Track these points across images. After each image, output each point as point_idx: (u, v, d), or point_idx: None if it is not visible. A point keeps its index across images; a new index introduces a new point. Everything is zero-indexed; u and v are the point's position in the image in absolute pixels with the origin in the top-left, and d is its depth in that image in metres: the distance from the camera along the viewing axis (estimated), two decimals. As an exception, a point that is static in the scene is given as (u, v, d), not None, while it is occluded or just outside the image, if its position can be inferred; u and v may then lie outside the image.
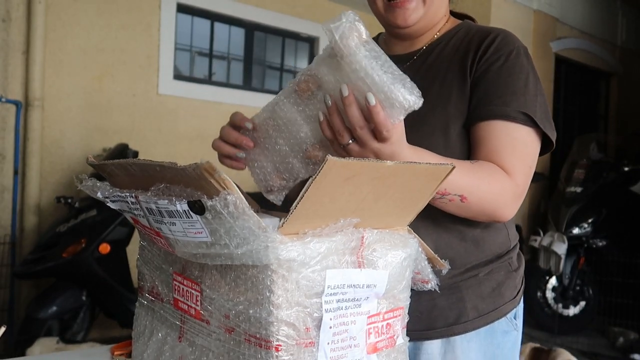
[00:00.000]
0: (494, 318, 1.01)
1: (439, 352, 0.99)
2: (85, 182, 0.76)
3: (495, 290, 1.01)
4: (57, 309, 2.73)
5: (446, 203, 0.90)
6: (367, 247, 0.68)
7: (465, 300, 0.99)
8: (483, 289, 1.01)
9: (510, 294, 1.04)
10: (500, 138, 0.94)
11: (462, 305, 0.99)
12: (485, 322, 1.00)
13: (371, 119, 0.73)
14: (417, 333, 0.98)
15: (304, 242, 0.62)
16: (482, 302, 1.00)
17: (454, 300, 0.99)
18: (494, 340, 1.01)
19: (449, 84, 1.00)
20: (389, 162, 0.64)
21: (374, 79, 0.71)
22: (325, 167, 0.58)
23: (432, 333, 0.99)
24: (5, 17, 3.21)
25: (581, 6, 6.55)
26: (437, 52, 1.05)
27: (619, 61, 7.33)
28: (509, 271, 1.04)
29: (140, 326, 0.88)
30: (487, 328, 1.00)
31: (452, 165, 0.72)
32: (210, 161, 0.58)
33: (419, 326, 0.98)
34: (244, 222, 0.59)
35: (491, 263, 1.02)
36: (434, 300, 0.99)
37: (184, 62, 4.07)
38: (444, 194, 0.88)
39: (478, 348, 1.00)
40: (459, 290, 1.00)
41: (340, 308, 0.66)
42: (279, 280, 0.61)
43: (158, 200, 0.66)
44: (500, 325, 1.02)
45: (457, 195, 0.89)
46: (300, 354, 0.63)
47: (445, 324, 0.99)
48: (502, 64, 0.98)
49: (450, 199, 0.89)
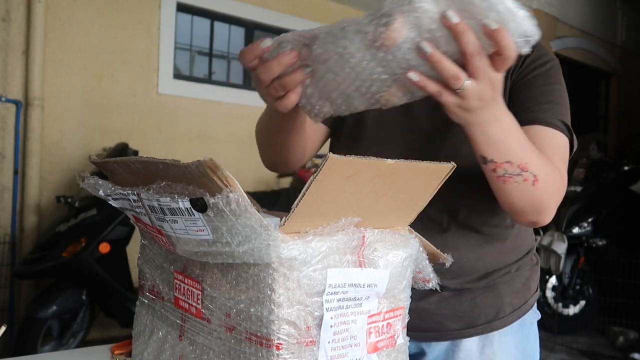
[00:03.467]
0: (525, 311, 1.06)
1: (477, 348, 1.02)
2: (87, 180, 0.76)
3: (525, 284, 1.07)
4: (57, 308, 2.73)
5: (518, 183, 0.84)
6: (368, 247, 0.68)
7: (503, 296, 1.03)
8: (516, 284, 1.05)
9: (535, 286, 1.10)
10: (545, 142, 0.94)
11: (500, 302, 1.03)
12: (518, 316, 1.04)
13: (495, 43, 0.66)
14: (457, 332, 1.02)
15: (305, 241, 0.62)
16: (515, 296, 1.05)
17: (492, 298, 1.03)
18: (524, 332, 1.06)
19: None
20: (389, 161, 0.63)
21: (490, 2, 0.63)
22: (326, 165, 0.58)
23: (472, 331, 1.02)
24: (5, 17, 3.21)
25: (581, 6, 6.55)
26: None
27: (619, 61, 7.33)
28: (533, 265, 1.10)
29: (141, 325, 0.88)
30: (519, 321, 1.05)
31: (453, 165, 0.71)
32: (212, 158, 0.58)
33: (459, 325, 1.02)
34: (246, 220, 0.59)
35: (520, 260, 1.07)
36: (474, 299, 1.02)
37: (184, 61, 4.07)
38: (523, 169, 0.82)
39: (512, 341, 1.04)
40: (497, 288, 1.03)
41: (341, 307, 0.66)
42: (280, 278, 0.61)
43: (160, 198, 0.66)
44: (528, 317, 1.07)
45: (532, 175, 0.83)
46: (300, 353, 0.63)
47: (485, 321, 1.02)
48: (539, 73, 0.99)
49: (525, 178, 0.83)
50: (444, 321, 1.02)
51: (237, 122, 4.05)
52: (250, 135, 4.37)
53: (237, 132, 4.03)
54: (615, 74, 7.37)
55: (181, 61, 4.03)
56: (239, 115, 4.06)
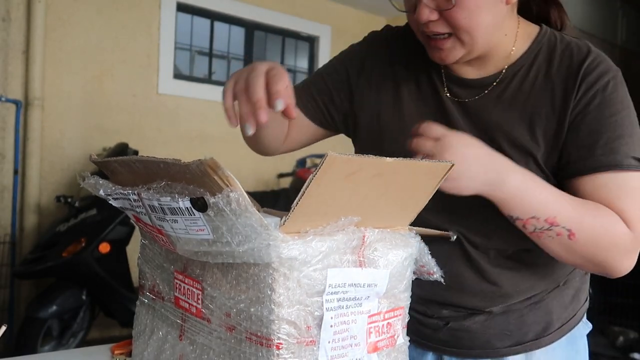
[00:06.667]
0: (574, 324, 1.00)
1: None
2: (87, 179, 0.76)
3: (575, 297, 1.00)
4: (57, 308, 2.73)
5: (552, 238, 0.81)
6: (369, 246, 0.68)
7: (552, 312, 0.97)
8: (565, 297, 0.99)
9: (584, 297, 1.03)
10: (613, 190, 0.83)
11: (550, 318, 0.96)
12: (567, 330, 0.98)
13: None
14: (504, 350, 0.96)
15: (305, 241, 0.62)
16: (564, 311, 0.98)
17: (541, 314, 0.96)
18: (574, 346, 1.00)
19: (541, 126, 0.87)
20: (388, 159, 0.63)
21: None
22: (325, 164, 0.58)
23: (520, 347, 0.96)
24: (5, 17, 3.21)
25: (581, 6, 6.55)
26: (519, 79, 0.90)
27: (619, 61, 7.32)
28: (582, 275, 1.02)
29: (141, 325, 0.88)
30: (568, 335, 0.99)
31: (451, 163, 0.71)
32: (213, 158, 0.58)
33: (507, 343, 0.96)
34: (246, 219, 0.59)
35: (569, 273, 1.00)
36: (522, 317, 0.96)
37: (184, 61, 4.07)
38: (552, 223, 0.80)
39: (560, 356, 0.98)
40: (546, 304, 0.97)
41: (341, 307, 0.66)
42: (281, 278, 0.61)
43: (160, 197, 0.66)
44: (578, 330, 1.01)
45: (566, 229, 0.80)
46: (301, 353, 0.63)
47: (534, 337, 0.96)
48: (600, 101, 0.85)
49: (558, 233, 0.80)
50: (491, 340, 0.96)
51: (237, 122, 4.04)
52: (250, 135, 4.20)
53: (237, 132, 4.01)
54: (615, 74, 7.36)
55: (181, 61, 4.03)
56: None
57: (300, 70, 4.63)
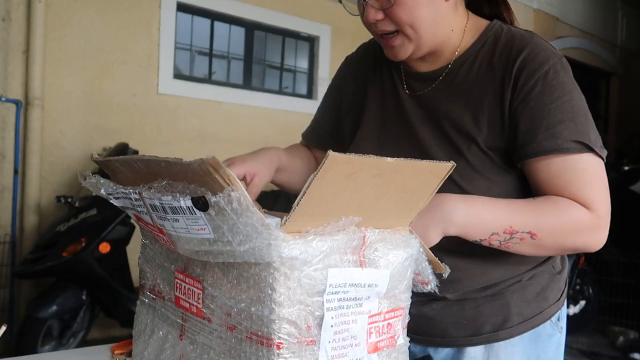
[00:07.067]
0: (539, 322, 1.00)
1: (482, 356, 0.98)
2: (89, 179, 0.76)
3: (540, 294, 1.00)
4: (57, 308, 2.73)
5: (519, 243, 0.87)
6: (369, 247, 0.68)
7: (510, 305, 0.98)
8: (527, 293, 0.99)
9: (555, 296, 1.02)
10: (563, 175, 0.88)
11: (507, 311, 0.98)
12: (530, 327, 0.99)
13: None
14: (462, 339, 0.98)
15: (306, 241, 0.62)
16: (527, 306, 0.99)
17: (499, 307, 0.98)
18: (539, 345, 1.00)
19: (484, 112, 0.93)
20: (389, 159, 0.63)
21: None
22: (326, 163, 0.58)
23: (477, 339, 0.98)
24: (5, 17, 3.21)
25: (581, 6, 6.55)
26: (465, 69, 0.97)
27: (619, 61, 7.33)
28: (553, 274, 1.03)
29: (141, 324, 0.88)
30: (532, 332, 0.99)
31: (452, 163, 0.71)
32: (215, 157, 0.58)
33: (463, 333, 0.98)
34: (247, 218, 0.59)
35: (534, 268, 1.01)
36: (478, 308, 0.98)
37: (184, 61, 4.07)
38: (511, 232, 0.85)
39: (522, 352, 0.98)
40: (504, 297, 0.98)
41: (341, 307, 0.66)
42: (281, 278, 0.61)
43: (162, 197, 0.66)
44: (545, 329, 1.00)
45: (526, 233, 0.85)
46: (301, 352, 0.63)
47: (491, 330, 0.98)
48: (541, 89, 0.89)
49: (521, 238, 0.86)
50: (448, 328, 0.98)
51: (237, 122, 4.05)
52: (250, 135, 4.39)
53: (237, 132, 4.03)
54: (615, 74, 7.36)
55: (181, 61, 4.03)
56: (239, 115, 4.05)
57: (300, 70, 4.63)
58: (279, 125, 4.18)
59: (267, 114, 4.19)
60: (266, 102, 4.22)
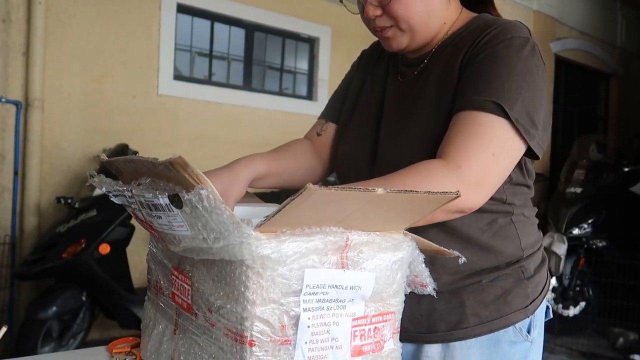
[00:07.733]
0: (498, 327, 0.96)
1: (439, 356, 0.97)
2: (94, 177, 0.79)
3: (501, 298, 0.97)
4: (57, 309, 2.73)
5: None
6: (353, 249, 0.67)
7: (466, 305, 0.96)
8: (485, 295, 0.96)
9: (520, 302, 0.98)
10: (460, 126, 0.87)
11: (462, 311, 0.96)
12: (487, 330, 0.96)
13: None
14: (419, 336, 0.98)
15: (279, 241, 0.61)
16: (484, 309, 0.96)
17: (453, 305, 0.96)
18: (499, 350, 0.97)
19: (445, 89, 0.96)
20: (379, 190, 0.60)
21: None
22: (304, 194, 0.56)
23: (433, 337, 0.97)
24: (6, 18, 3.21)
25: (581, 7, 6.56)
26: (444, 53, 1.01)
27: (619, 62, 7.33)
28: (520, 279, 0.99)
29: (147, 319, 0.90)
30: (490, 336, 0.96)
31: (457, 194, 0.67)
32: (182, 156, 0.59)
33: (420, 329, 0.98)
34: (217, 216, 0.60)
35: (498, 270, 0.97)
36: (433, 304, 0.96)
37: (184, 62, 4.07)
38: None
39: (479, 355, 0.96)
40: (459, 296, 0.96)
41: (320, 308, 0.65)
42: (254, 276, 0.61)
43: (145, 194, 0.68)
44: (506, 335, 0.97)
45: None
46: (275, 351, 0.63)
47: (446, 329, 0.96)
48: (486, 55, 0.91)
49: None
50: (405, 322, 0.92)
51: (237, 124, 4.05)
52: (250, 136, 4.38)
53: (237, 133, 4.03)
54: (615, 75, 7.37)
55: (181, 62, 4.04)
56: (239, 116, 4.06)
57: (300, 71, 4.64)
58: (279, 126, 4.19)
59: (267, 115, 4.19)
60: (266, 104, 4.22)
